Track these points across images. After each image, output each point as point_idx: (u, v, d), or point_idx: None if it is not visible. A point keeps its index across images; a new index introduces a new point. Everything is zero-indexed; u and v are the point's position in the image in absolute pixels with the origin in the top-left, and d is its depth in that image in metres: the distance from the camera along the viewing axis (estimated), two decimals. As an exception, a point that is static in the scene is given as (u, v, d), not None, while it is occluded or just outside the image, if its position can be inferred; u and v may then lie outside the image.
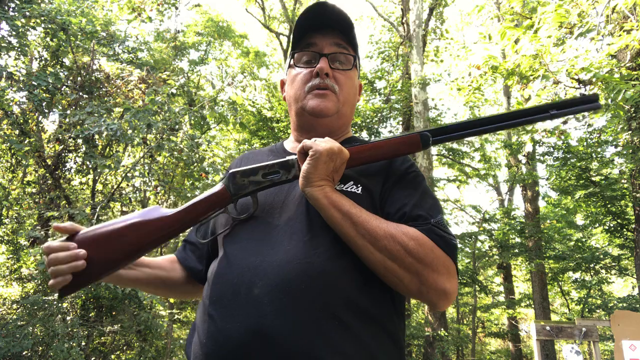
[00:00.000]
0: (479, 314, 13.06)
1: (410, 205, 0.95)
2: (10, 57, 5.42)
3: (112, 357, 6.65)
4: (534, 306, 10.13)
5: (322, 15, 1.08)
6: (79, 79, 6.05)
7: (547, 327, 4.54)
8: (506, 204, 13.43)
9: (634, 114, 5.85)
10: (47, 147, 6.55)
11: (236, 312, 0.85)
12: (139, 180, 6.53)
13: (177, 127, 5.86)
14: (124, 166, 5.91)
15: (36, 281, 6.08)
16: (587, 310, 9.84)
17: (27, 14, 5.11)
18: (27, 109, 5.64)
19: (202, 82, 11.59)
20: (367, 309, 0.88)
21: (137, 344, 6.48)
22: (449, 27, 12.85)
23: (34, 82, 4.91)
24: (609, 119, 6.44)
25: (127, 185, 6.91)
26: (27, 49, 5.51)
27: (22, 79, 5.00)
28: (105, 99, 6.21)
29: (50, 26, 5.47)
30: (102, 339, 6.61)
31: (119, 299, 5.81)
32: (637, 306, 7.95)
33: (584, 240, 10.88)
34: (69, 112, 5.55)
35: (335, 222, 0.89)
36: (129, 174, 6.04)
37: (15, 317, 5.45)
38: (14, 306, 6.13)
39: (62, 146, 6.13)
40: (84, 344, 5.65)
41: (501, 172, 13.41)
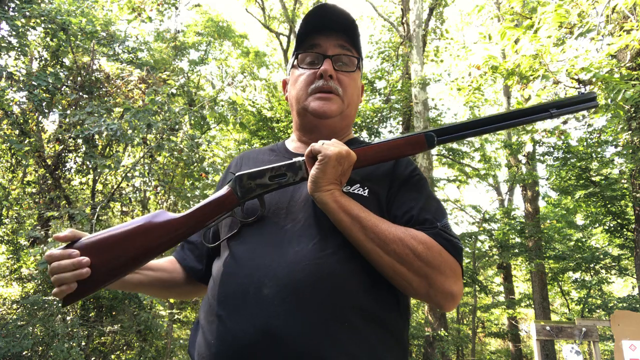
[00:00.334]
0: (479, 314, 13.06)
1: (417, 208, 0.96)
2: (10, 57, 5.42)
3: (112, 357, 6.65)
4: (534, 306, 10.12)
5: (327, 16, 1.08)
6: (79, 79, 6.05)
7: (547, 327, 4.54)
8: (506, 204, 13.43)
9: (634, 114, 5.85)
10: (47, 147, 6.54)
11: (245, 312, 0.85)
12: (139, 180, 6.53)
13: (177, 127, 5.86)
14: (124, 166, 5.91)
15: (36, 281, 6.08)
16: (587, 310, 9.84)
17: (27, 14, 5.11)
18: (27, 109, 5.64)
19: (202, 82, 11.59)
20: (374, 311, 0.88)
21: (137, 344, 6.48)
22: (449, 27, 12.85)
23: (34, 82, 4.91)
24: (609, 119, 6.43)
25: (127, 185, 6.91)
26: (27, 49, 5.51)
27: (22, 79, 5.00)
28: (105, 99, 6.21)
29: (50, 26, 5.47)
30: (102, 339, 6.61)
31: (119, 299, 5.82)
32: (637, 306, 7.95)
33: (584, 240, 10.87)
34: (69, 112, 5.55)
35: (344, 226, 0.90)
36: (129, 174, 6.04)
37: (15, 317, 5.45)
38: (14, 306, 6.13)
39: (62, 146, 6.13)
40: (84, 344, 5.65)
41: (501, 172, 13.42)
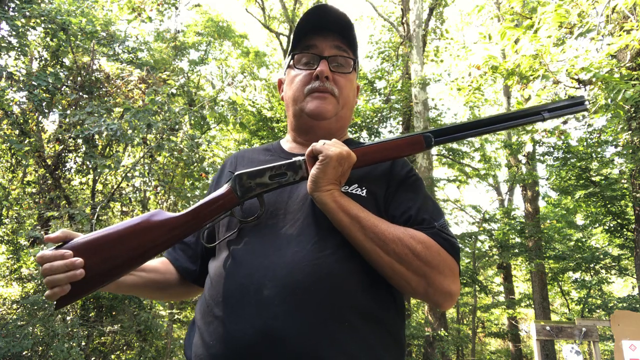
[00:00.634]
0: (479, 314, 13.05)
1: (414, 208, 0.97)
2: (10, 57, 5.42)
3: (112, 357, 6.65)
4: (534, 306, 10.12)
5: (324, 17, 1.08)
6: (79, 79, 6.05)
7: (547, 327, 4.54)
8: (506, 204, 13.43)
9: (634, 114, 5.85)
10: (47, 147, 6.54)
11: (244, 313, 0.85)
12: (139, 180, 6.53)
13: (177, 127, 5.86)
14: (124, 166, 5.91)
15: (36, 281, 6.07)
16: (587, 310, 9.84)
17: (27, 14, 5.11)
18: (27, 109, 5.64)
19: (202, 82, 11.59)
20: (372, 310, 0.89)
21: (137, 344, 6.48)
22: (449, 27, 12.86)
23: (34, 82, 4.91)
24: (609, 119, 6.43)
25: (127, 185, 6.90)
26: (27, 49, 5.51)
27: (22, 79, 5.00)
28: (105, 99, 6.21)
29: (50, 26, 5.47)
30: (102, 339, 6.61)
31: (119, 299, 5.82)
32: (637, 306, 7.95)
33: (584, 240, 10.87)
34: (69, 112, 5.55)
35: (343, 226, 0.90)
36: (129, 174, 6.04)
37: (15, 317, 5.45)
38: (14, 306, 6.13)
39: (62, 146, 6.13)
40: (84, 344, 5.65)
41: (501, 172, 13.42)
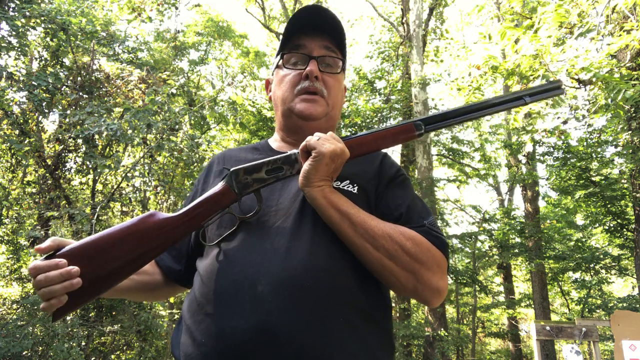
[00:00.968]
0: (479, 314, 13.05)
1: (404, 206, 0.99)
2: (10, 57, 5.41)
3: (112, 357, 6.64)
4: (534, 306, 10.12)
5: (313, 17, 1.09)
6: (79, 79, 6.05)
7: (547, 327, 4.54)
8: (506, 204, 13.43)
9: (634, 114, 5.85)
10: (47, 147, 6.54)
11: (239, 310, 0.83)
12: (139, 180, 6.53)
13: (177, 127, 5.86)
14: (124, 166, 5.91)
15: (36, 281, 6.06)
16: (587, 310, 9.83)
17: (27, 14, 5.11)
18: (27, 109, 5.63)
19: (202, 82, 11.59)
20: (365, 306, 0.89)
21: (137, 344, 6.48)
22: (449, 27, 12.86)
23: (34, 82, 4.91)
24: (609, 119, 6.43)
25: (127, 185, 6.90)
26: (27, 49, 5.51)
27: (22, 79, 5.00)
28: (105, 99, 6.21)
29: (50, 26, 5.47)
30: (102, 339, 6.61)
31: (119, 299, 5.81)
32: (637, 306, 7.94)
33: (584, 240, 10.88)
34: (69, 112, 5.55)
35: (333, 222, 0.90)
36: (129, 174, 6.04)
37: (15, 317, 5.45)
38: (14, 306, 6.13)
39: (62, 146, 6.12)
40: (84, 344, 5.65)
41: (501, 172, 13.42)
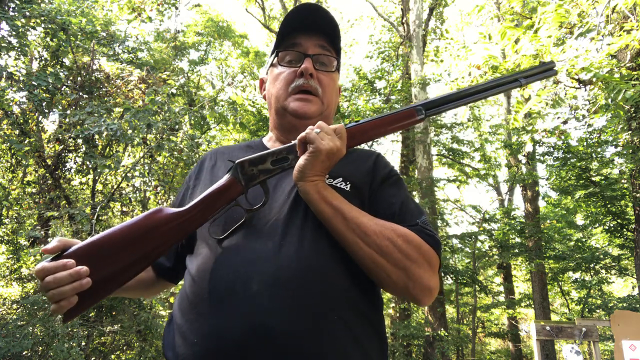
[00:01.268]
0: (479, 314, 13.05)
1: (397, 205, 0.99)
2: (10, 57, 5.41)
3: (112, 357, 6.64)
4: (534, 306, 10.12)
5: (308, 16, 1.09)
6: (79, 79, 6.05)
7: (547, 327, 4.54)
8: (506, 204, 13.43)
9: (634, 114, 5.85)
10: (47, 147, 6.54)
11: (232, 308, 0.82)
12: (139, 180, 6.53)
13: (177, 127, 5.86)
14: (124, 166, 5.91)
15: (36, 281, 6.07)
16: (587, 310, 9.83)
17: (27, 14, 5.11)
18: (27, 109, 5.63)
19: (202, 82, 11.59)
20: (358, 304, 0.89)
21: (137, 344, 6.48)
22: (449, 27, 12.87)
23: (34, 82, 4.90)
24: (609, 119, 6.43)
25: (127, 185, 6.90)
26: (27, 49, 5.51)
27: (22, 79, 4.99)
28: (105, 99, 6.21)
29: (50, 26, 5.47)
30: (102, 339, 6.61)
31: (118, 299, 5.82)
32: (637, 306, 7.94)
33: (584, 240, 10.88)
34: (69, 112, 5.55)
35: (325, 217, 0.90)
36: (129, 174, 6.04)
37: (15, 317, 5.45)
38: (14, 306, 6.13)
39: (62, 146, 6.12)
40: (84, 344, 5.65)
41: (501, 172, 13.42)
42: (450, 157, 11.58)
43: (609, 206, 8.32)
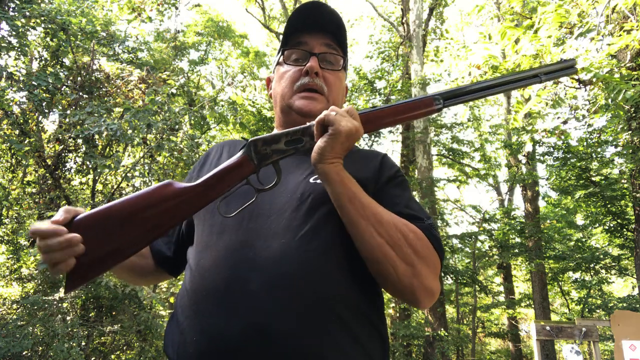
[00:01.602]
0: (479, 314, 13.05)
1: (402, 205, 0.98)
2: (10, 57, 5.42)
3: (112, 357, 6.65)
4: (534, 306, 10.12)
5: (314, 15, 1.09)
6: (79, 79, 6.05)
7: (547, 327, 4.54)
8: (506, 204, 13.42)
9: (634, 114, 5.85)
10: (47, 147, 6.54)
11: (231, 307, 0.82)
12: (139, 180, 6.52)
13: (177, 127, 5.86)
14: (124, 166, 5.91)
15: (36, 281, 6.08)
16: (587, 310, 9.84)
17: (27, 14, 5.11)
18: (27, 109, 5.63)
19: (202, 82, 11.59)
20: (358, 303, 0.88)
21: (137, 344, 6.48)
22: (449, 27, 12.88)
23: (34, 82, 4.90)
24: (609, 119, 6.43)
25: (127, 185, 6.90)
26: (27, 49, 5.51)
27: (22, 79, 5.00)
28: (105, 99, 6.21)
29: (50, 26, 5.47)
30: (102, 339, 6.61)
31: (119, 299, 5.81)
32: (637, 306, 7.95)
33: (584, 240, 10.88)
34: (69, 112, 5.55)
35: (342, 200, 0.88)
36: (129, 174, 6.04)
37: (15, 317, 5.45)
38: (14, 306, 6.13)
39: (62, 146, 6.12)
40: (84, 344, 5.65)
41: (501, 172, 13.42)
42: (450, 157, 11.58)
43: (609, 206, 8.32)
